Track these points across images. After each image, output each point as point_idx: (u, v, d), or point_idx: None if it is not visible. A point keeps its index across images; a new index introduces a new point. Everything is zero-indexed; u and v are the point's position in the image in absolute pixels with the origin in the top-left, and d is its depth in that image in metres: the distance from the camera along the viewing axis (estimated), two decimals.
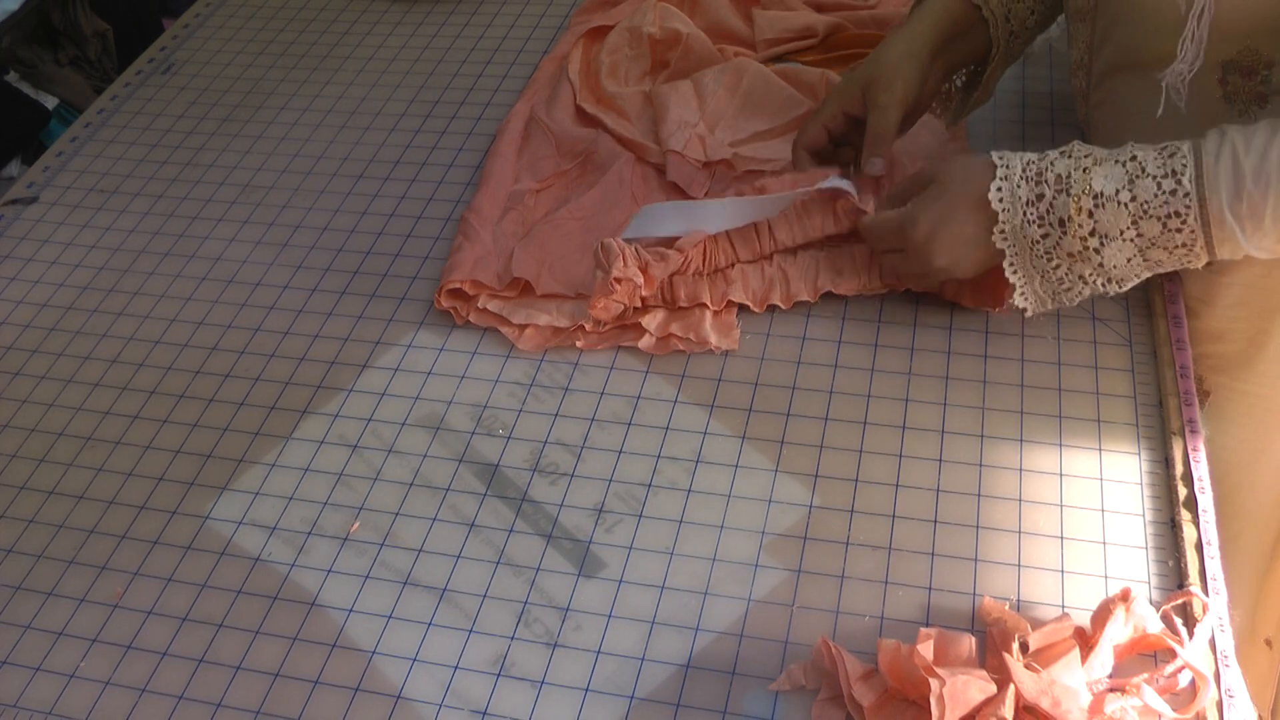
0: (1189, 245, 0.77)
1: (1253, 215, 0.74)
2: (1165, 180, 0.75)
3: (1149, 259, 0.78)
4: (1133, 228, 0.77)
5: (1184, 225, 0.75)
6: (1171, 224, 0.76)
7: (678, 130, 1.05)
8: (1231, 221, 0.75)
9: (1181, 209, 0.75)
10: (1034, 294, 0.83)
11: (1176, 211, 0.75)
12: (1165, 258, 0.78)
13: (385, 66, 1.26)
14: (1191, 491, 0.76)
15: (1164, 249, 0.77)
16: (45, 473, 0.86)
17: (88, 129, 1.22)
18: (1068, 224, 0.78)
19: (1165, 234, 0.76)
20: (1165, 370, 0.84)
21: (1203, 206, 0.75)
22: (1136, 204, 0.76)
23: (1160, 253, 0.78)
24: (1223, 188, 0.74)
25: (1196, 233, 0.76)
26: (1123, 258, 0.78)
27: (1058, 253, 0.79)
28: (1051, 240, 0.79)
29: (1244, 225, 0.75)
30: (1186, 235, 0.76)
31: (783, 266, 0.92)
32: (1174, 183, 0.75)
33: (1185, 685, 0.67)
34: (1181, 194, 0.75)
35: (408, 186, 1.09)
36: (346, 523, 0.80)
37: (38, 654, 0.75)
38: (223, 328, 0.96)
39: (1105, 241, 0.78)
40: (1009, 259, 0.82)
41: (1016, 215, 0.79)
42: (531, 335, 0.92)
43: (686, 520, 0.78)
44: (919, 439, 0.82)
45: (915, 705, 0.65)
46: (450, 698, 0.70)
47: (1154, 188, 0.75)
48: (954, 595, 0.73)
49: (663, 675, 0.70)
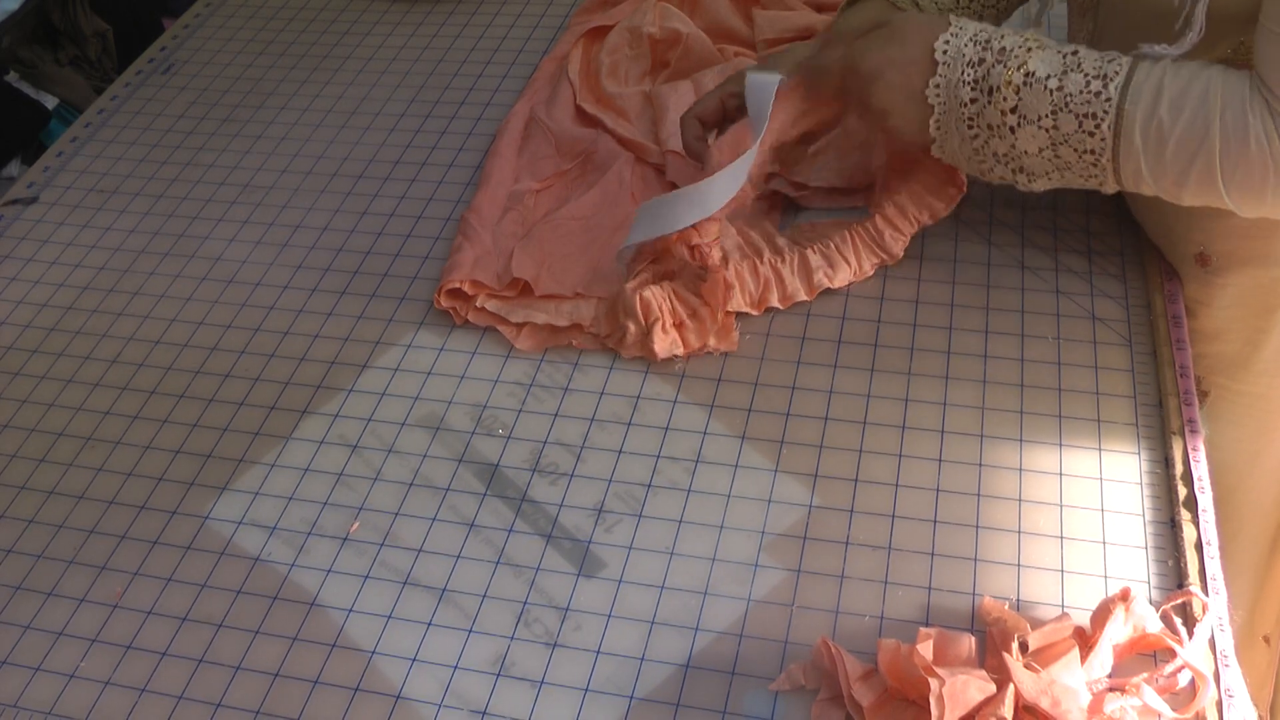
0: (1097, 154, 0.77)
1: (1158, 141, 0.75)
2: (1095, 81, 0.76)
3: (1059, 155, 0.79)
4: (1050, 117, 0.78)
5: (1097, 129, 0.77)
6: (1086, 125, 0.77)
7: (677, 131, 1.05)
8: (1139, 140, 0.76)
9: (1099, 112, 0.76)
10: (950, 154, 0.84)
11: (1094, 113, 0.76)
12: (1074, 160, 0.79)
13: (385, 66, 1.26)
14: (1191, 491, 0.76)
15: (1074, 149, 0.78)
16: (45, 473, 0.86)
17: (88, 129, 1.22)
18: (994, 94, 0.79)
19: (1079, 134, 0.77)
20: (1165, 370, 0.84)
21: (1119, 116, 0.76)
22: (1061, 94, 0.77)
23: (1070, 153, 0.78)
24: (1141, 104, 0.75)
25: (1106, 140, 0.77)
26: (1034, 145, 0.79)
27: (979, 121, 0.81)
28: (978, 106, 0.80)
29: (1148, 149, 0.76)
30: (1097, 141, 0.77)
31: (775, 266, 0.92)
32: (1101, 84, 0.76)
33: (1185, 685, 0.67)
34: (1104, 98, 0.76)
35: (408, 186, 1.09)
36: (346, 523, 0.80)
37: (38, 654, 0.75)
38: (223, 328, 0.96)
39: (1022, 122, 0.79)
40: (936, 115, 0.82)
41: (955, 72, 0.80)
42: (530, 335, 0.92)
43: (686, 520, 0.78)
44: (919, 439, 0.82)
45: (915, 705, 0.65)
46: (450, 698, 0.70)
47: (1082, 83, 0.77)
48: (954, 595, 0.73)
49: (663, 675, 0.70)
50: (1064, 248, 0.94)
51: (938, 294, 0.92)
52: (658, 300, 0.87)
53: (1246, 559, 0.99)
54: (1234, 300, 0.89)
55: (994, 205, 0.98)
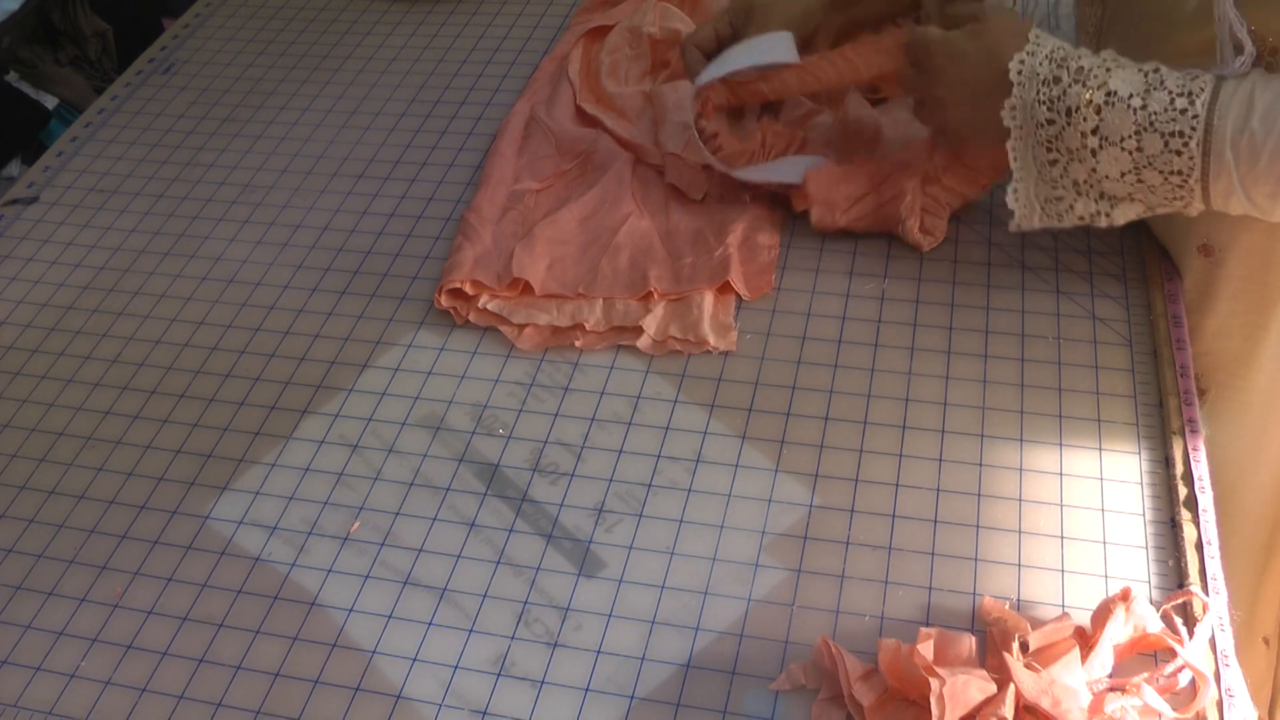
0: (1185, 174, 0.75)
1: (1251, 153, 0.73)
2: (1180, 99, 0.74)
3: (1143, 179, 0.77)
4: (1134, 138, 0.76)
5: (1185, 148, 0.75)
6: (1173, 143, 0.75)
7: (677, 133, 1.05)
8: (1230, 156, 0.74)
9: (1187, 130, 0.74)
10: (1026, 193, 0.82)
11: (1181, 131, 0.74)
12: (1159, 183, 0.77)
13: (385, 66, 1.26)
14: (1192, 491, 0.76)
15: (1160, 171, 0.76)
16: (45, 473, 0.86)
17: (88, 129, 1.22)
18: (1073, 115, 0.77)
19: (1165, 154, 0.75)
20: (1165, 370, 0.84)
21: (1208, 133, 0.74)
22: (1145, 113, 0.75)
23: (1155, 176, 0.76)
24: (1230, 117, 0.73)
25: (1195, 159, 0.75)
26: (1117, 169, 0.77)
27: (1058, 144, 0.79)
28: (1055, 128, 0.78)
29: (1240, 163, 0.74)
30: (1185, 161, 0.75)
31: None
32: (1187, 102, 0.74)
33: (1185, 685, 0.67)
34: (1191, 115, 0.74)
35: (408, 186, 1.09)
36: (346, 523, 0.80)
37: (38, 654, 0.75)
38: (223, 327, 0.96)
39: (1104, 144, 0.77)
40: (1013, 139, 0.81)
41: (1030, 92, 0.79)
42: (531, 335, 0.92)
43: (686, 520, 0.78)
44: (919, 439, 0.82)
45: (915, 705, 0.65)
46: (450, 697, 0.70)
47: (1167, 101, 0.75)
48: (954, 595, 0.73)
49: (663, 675, 0.70)
50: (1064, 248, 0.94)
51: (938, 294, 0.92)
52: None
53: (1245, 558, 0.99)
54: (1236, 294, 0.89)
55: (994, 205, 0.98)
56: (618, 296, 0.92)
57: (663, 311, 0.92)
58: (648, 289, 0.92)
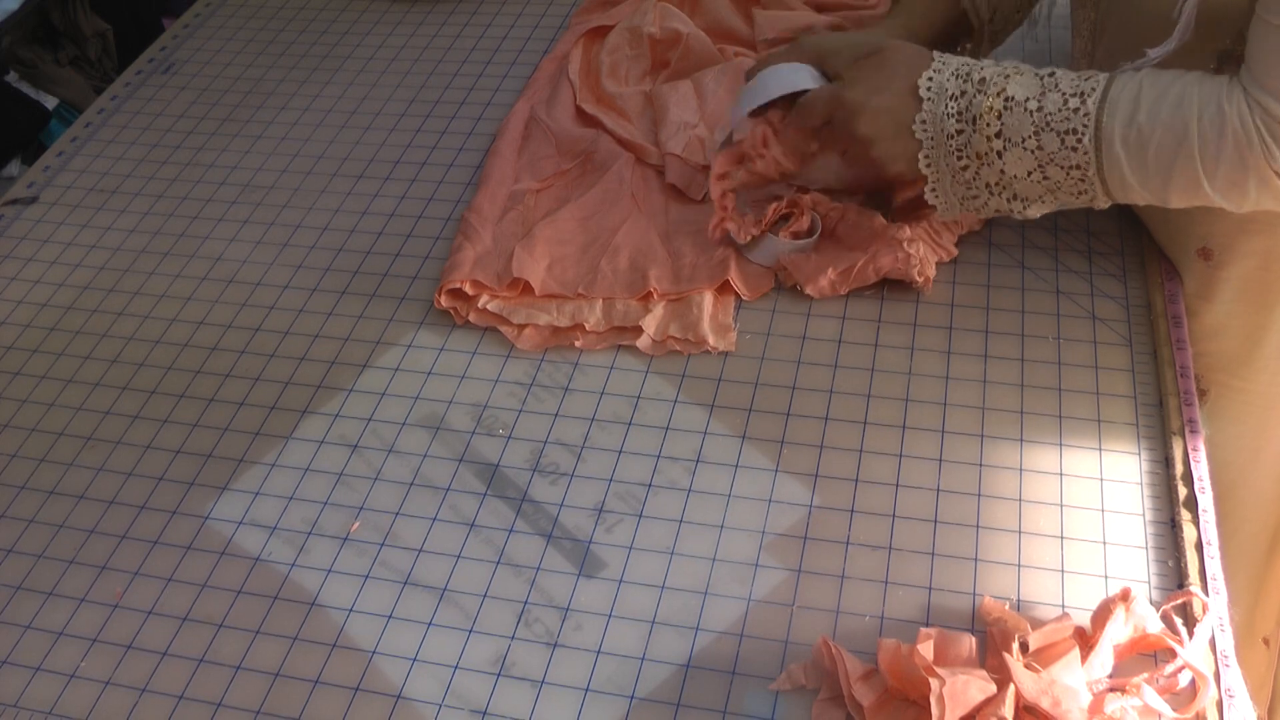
0: (1083, 169, 0.79)
1: (1139, 146, 0.77)
2: (1073, 99, 0.78)
3: (1048, 176, 0.81)
4: (1034, 138, 0.79)
5: (1079, 144, 0.78)
6: (1069, 140, 0.79)
7: (677, 132, 1.05)
8: (1119, 149, 0.77)
9: (1079, 127, 0.78)
10: (944, 193, 0.86)
11: (1074, 129, 0.78)
12: (1063, 179, 0.80)
13: (385, 66, 1.26)
14: (1191, 491, 0.76)
15: (1061, 167, 0.80)
16: (45, 473, 0.86)
17: (88, 129, 1.22)
18: (978, 122, 0.81)
19: (1062, 151, 0.79)
20: (1165, 370, 0.84)
21: (1098, 129, 0.78)
22: (1041, 114, 0.79)
23: (1058, 171, 0.80)
24: (1119, 115, 0.77)
25: (1090, 155, 0.78)
26: (1023, 168, 0.81)
27: (968, 151, 0.83)
28: (965, 137, 0.82)
29: (1130, 157, 0.77)
30: (1081, 156, 0.79)
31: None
32: (1079, 101, 0.78)
33: (1185, 685, 0.67)
34: (1083, 113, 0.78)
35: (408, 186, 1.09)
36: (346, 523, 0.80)
37: (38, 654, 0.75)
38: (223, 327, 0.96)
39: (1008, 146, 0.81)
40: (925, 150, 0.84)
41: (939, 106, 0.83)
42: (531, 335, 0.92)
43: (686, 520, 0.78)
44: (919, 439, 0.82)
45: (915, 705, 0.65)
46: (450, 698, 0.70)
47: (1060, 102, 0.79)
48: (954, 595, 0.73)
49: (663, 675, 0.70)
50: (1064, 248, 0.94)
51: (938, 294, 0.92)
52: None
53: (1245, 558, 0.99)
54: (1235, 295, 0.89)
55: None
56: (618, 296, 0.92)
57: (662, 311, 0.92)
58: (647, 289, 0.92)
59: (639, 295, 0.92)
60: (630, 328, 0.91)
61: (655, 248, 0.96)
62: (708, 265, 0.94)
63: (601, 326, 0.91)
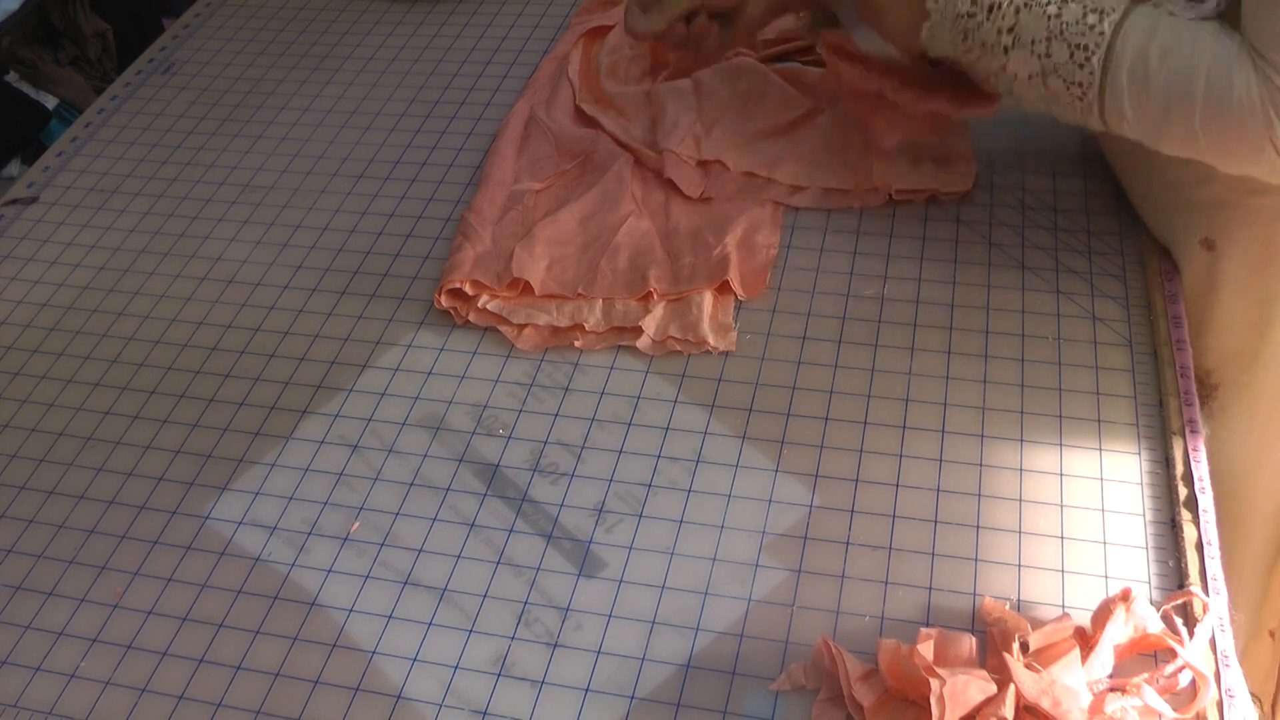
0: (1084, 88, 0.78)
1: (1143, 81, 0.76)
2: (1091, 14, 0.78)
3: (1048, 85, 0.80)
4: (1044, 43, 0.79)
5: (1087, 62, 0.78)
6: (1078, 55, 0.78)
7: (675, 130, 1.05)
8: (1124, 78, 0.77)
9: (1091, 44, 0.77)
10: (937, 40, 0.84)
11: (1086, 45, 0.77)
12: (1062, 91, 0.80)
13: (385, 66, 1.26)
14: (1192, 491, 0.76)
15: (1063, 80, 0.79)
16: (45, 473, 0.86)
17: (88, 129, 1.22)
18: (994, 11, 0.80)
19: (1069, 64, 0.78)
20: (1165, 370, 0.84)
21: (1109, 53, 0.77)
22: (1058, 20, 0.78)
23: (1058, 84, 0.79)
24: (1132, 43, 0.76)
25: (1095, 75, 0.78)
26: (1025, 70, 0.80)
27: (974, 37, 0.82)
28: (975, 21, 0.81)
29: (1132, 89, 0.77)
30: (1085, 74, 0.78)
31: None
32: (1097, 18, 0.77)
33: (1185, 685, 0.67)
34: (1098, 31, 0.77)
35: (408, 186, 1.09)
36: (346, 523, 0.80)
37: (38, 654, 0.75)
38: (223, 328, 0.96)
39: (1016, 44, 0.80)
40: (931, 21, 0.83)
41: None
42: (531, 335, 0.92)
43: (686, 520, 0.78)
44: (919, 439, 0.82)
45: (915, 705, 0.65)
46: (450, 698, 0.70)
47: (1080, 14, 0.78)
48: (954, 595, 0.73)
49: (663, 675, 0.70)
50: (1064, 248, 0.94)
51: (938, 294, 0.92)
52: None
53: (1253, 552, 0.99)
54: (1239, 288, 0.88)
55: (994, 205, 0.98)
56: (617, 297, 0.92)
57: (662, 312, 0.92)
58: (647, 289, 0.92)
59: (639, 295, 0.92)
60: (630, 328, 0.91)
61: (655, 248, 0.96)
62: (707, 265, 0.94)
63: (601, 327, 0.91)
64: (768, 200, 1.00)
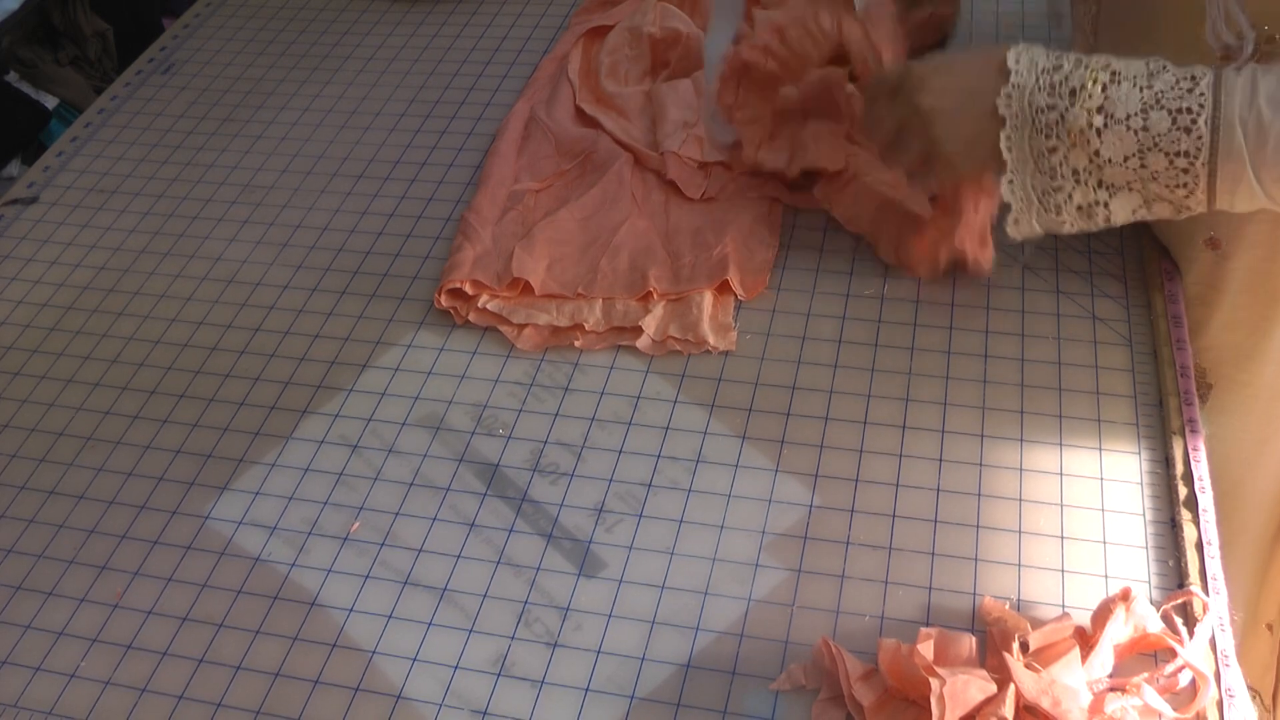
0: (1191, 157, 0.73)
1: (1259, 133, 0.71)
2: (1184, 81, 0.73)
3: (1146, 164, 0.75)
4: (1140, 115, 0.73)
5: (1194, 125, 0.72)
6: (1181, 120, 0.73)
7: (676, 131, 1.05)
8: (1238, 132, 0.72)
9: (1195, 106, 0.72)
10: (1023, 186, 0.80)
11: (1189, 108, 0.72)
12: (1163, 168, 0.74)
13: (385, 66, 1.26)
14: (1192, 491, 0.76)
15: (1165, 154, 0.74)
16: (45, 473, 0.86)
17: (88, 129, 1.22)
18: (1078, 94, 0.75)
19: (1173, 131, 0.73)
20: (1165, 370, 0.84)
21: (1215, 109, 0.72)
22: (1152, 91, 0.73)
23: (1160, 160, 0.74)
24: (1237, 95, 0.72)
25: (1204, 137, 0.72)
26: (1121, 151, 0.75)
27: (1059, 129, 0.76)
28: (1056, 113, 0.76)
29: (1250, 141, 0.72)
30: (1193, 141, 0.73)
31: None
32: (1191, 83, 0.73)
33: (1185, 685, 0.67)
34: (1198, 92, 0.72)
35: (408, 186, 1.09)
36: (346, 522, 0.80)
37: (38, 654, 0.75)
38: (223, 328, 0.96)
39: (1110, 122, 0.74)
40: (1008, 129, 0.78)
41: (1030, 78, 0.77)
42: (531, 335, 0.92)
43: (686, 520, 0.78)
44: (919, 439, 0.82)
45: (915, 705, 0.65)
46: (450, 697, 0.70)
47: (1172, 81, 0.73)
48: (954, 595, 0.73)
49: (663, 675, 0.70)
50: (1064, 247, 0.94)
51: (937, 294, 0.92)
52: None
53: (1251, 548, 0.99)
54: (1243, 287, 0.88)
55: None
56: (617, 296, 0.92)
57: (662, 312, 0.92)
58: (647, 289, 0.92)
59: (639, 295, 0.92)
60: (630, 328, 0.91)
61: (655, 248, 0.96)
62: (706, 265, 0.94)
63: (601, 326, 0.91)
64: (768, 199, 1.00)
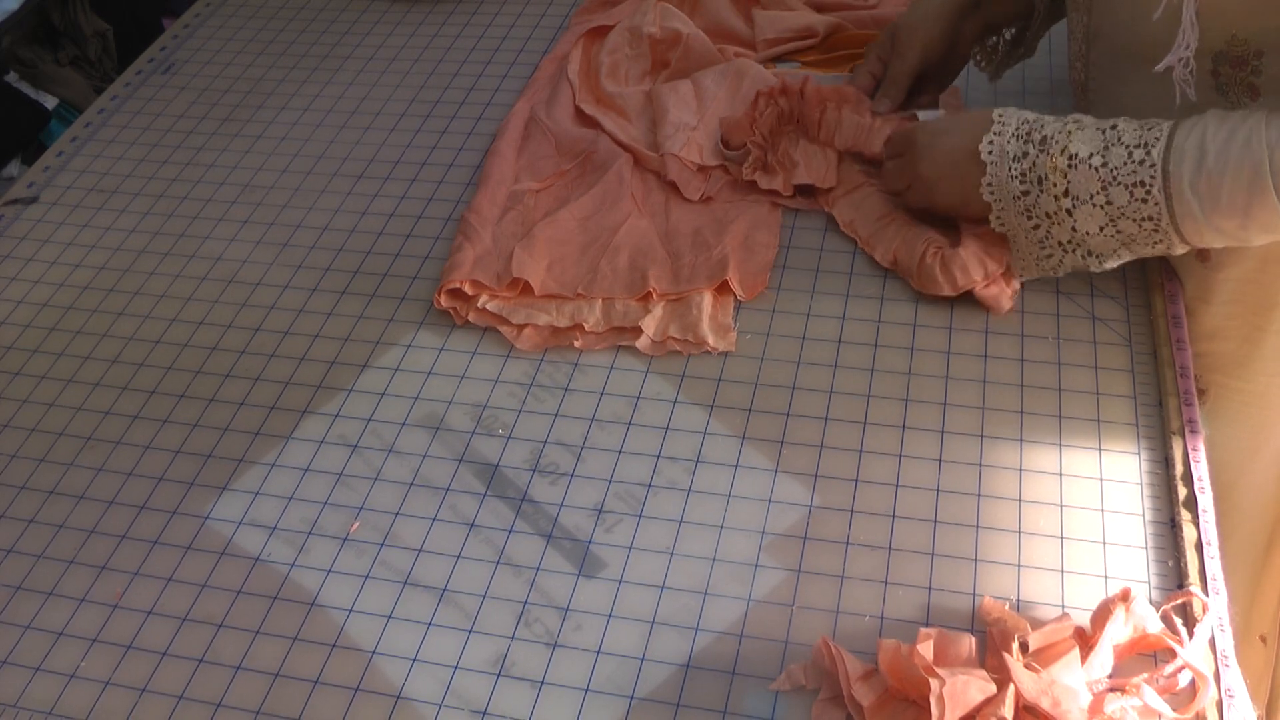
0: (1155, 219, 0.79)
1: (1211, 194, 0.76)
2: (1137, 150, 0.78)
3: (1121, 230, 0.81)
4: (1102, 193, 0.80)
5: (1149, 196, 0.78)
6: (1137, 193, 0.78)
7: (675, 133, 1.05)
8: (1190, 197, 0.77)
9: (1147, 179, 0.78)
10: (1020, 255, 0.87)
11: (1142, 181, 0.78)
12: (1136, 231, 0.80)
13: (385, 66, 1.26)
14: (1191, 491, 0.76)
15: (1133, 220, 0.80)
16: (45, 473, 0.86)
17: (88, 129, 1.22)
18: (1044, 182, 0.81)
19: (1132, 203, 0.79)
20: (1165, 370, 0.84)
21: (1166, 180, 0.77)
22: (1107, 169, 0.79)
23: (1130, 225, 0.80)
24: (1186, 162, 0.76)
25: (1161, 205, 0.78)
26: (1094, 224, 0.81)
27: (1036, 211, 0.83)
28: (1031, 198, 0.83)
29: (1203, 203, 0.77)
30: (1151, 207, 0.78)
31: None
32: (1144, 153, 0.78)
33: (1185, 685, 0.67)
34: (1149, 164, 0.78)
35: (408, 186, 1.09)
36: (346, 523, 0.80)
37: (38, 654, 0.75)
38: (223, 328, 0.96)
39: (1077, 204, 0.81)
40: (995, 212, 0.86)
41: (1003, 169, 0.84)
42: (530, 335, 0.92)
43: (686, 520, 0.78)
44: (919, 439, 0.82)
45: (915, 705, 0.65)
46: (450, 698, 0.70)
47: (1125, 155, 0.79)
48: (954, 595, 0.73)
49: (663, 675, 0.70)
50: None
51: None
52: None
53: (1243, 557, 0.99)
54: (1233, 296, 0.89)
55: None
56: (617, 297, 0.92)
57: (662, 312, 0.92)
58: (647, 289, 0.92)
59: (638, 295, 0.92)
60: (630, 328, 0.91)
61: (655, 248, 0.96)
62: (706, 265, 0.94)
63: (601, 327, 0.91)
64: (767, 200, 1.00)
